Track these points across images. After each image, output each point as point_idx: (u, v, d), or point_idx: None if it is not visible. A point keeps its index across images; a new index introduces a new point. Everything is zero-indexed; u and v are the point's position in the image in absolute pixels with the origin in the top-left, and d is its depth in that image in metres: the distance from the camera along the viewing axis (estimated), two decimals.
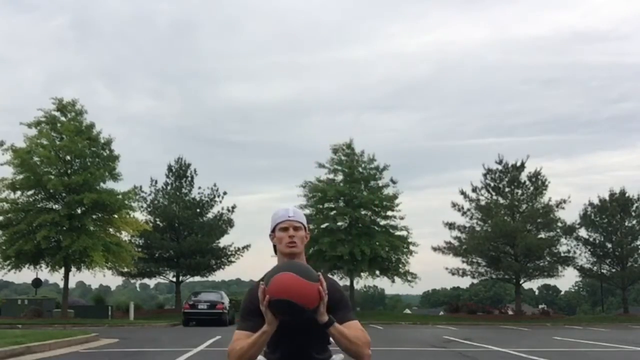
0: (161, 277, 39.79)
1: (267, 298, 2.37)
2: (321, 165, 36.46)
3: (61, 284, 30.83)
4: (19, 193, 27.47)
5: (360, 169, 36.11)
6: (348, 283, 36.56)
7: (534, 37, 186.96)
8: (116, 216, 28.19)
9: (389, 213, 36.18)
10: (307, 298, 2.34)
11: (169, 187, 38.98)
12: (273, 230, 2.73)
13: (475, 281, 61.15)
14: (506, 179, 37.90)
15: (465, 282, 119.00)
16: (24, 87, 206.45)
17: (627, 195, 39.62)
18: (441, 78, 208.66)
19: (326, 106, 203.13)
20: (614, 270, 40.15)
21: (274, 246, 2.73)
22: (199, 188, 39.10)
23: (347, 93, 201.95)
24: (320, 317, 2.42)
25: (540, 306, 69.81)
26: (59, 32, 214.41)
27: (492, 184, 38.19)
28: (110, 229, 28.62)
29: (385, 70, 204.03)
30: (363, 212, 35.46)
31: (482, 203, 38.01)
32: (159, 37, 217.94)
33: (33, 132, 27.31)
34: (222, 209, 39.08)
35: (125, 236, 29.96)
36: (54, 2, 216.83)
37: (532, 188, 37.72)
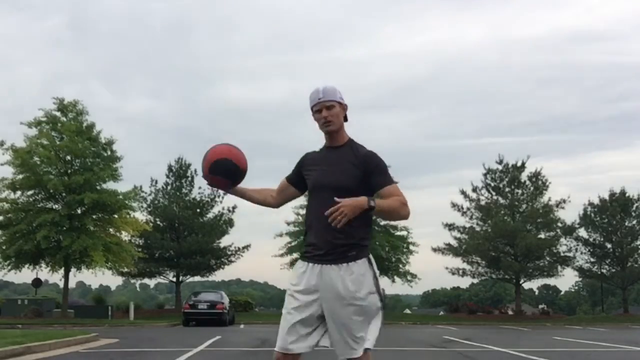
0: (161, 277, 39.80)
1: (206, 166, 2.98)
2: None
3: (61, 284, 30.87)
4: (19, 193, 27.50)
5: None
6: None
7: (532, 37, 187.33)
8: (116, 216, 28.20)
9: None
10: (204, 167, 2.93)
11: (169, 187, 38.99)
12: (312, 112, 3.00)
13: (475, 281, 61.30)
14: (506, 179, 37.90)
15: (465, 282, 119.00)
16: (21, 87, 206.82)
17: (627, 195, 39.62)
18: (439, 78, 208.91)
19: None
20: (614, 270, 40.15)
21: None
22: (199, 188, 39.13)
23: (345, 93, 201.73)
24: (362, 210, 2.67)
25: (540, 306, 69.79)
26: (55, 32, 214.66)
27: (492, 184, 38.21)
28: (111, 229, 28.62)
29: (383, 70, 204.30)
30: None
31: (482, 203, 38.01)
32: (156, 37, 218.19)
33: (33, 132, 27.35)
34: (223, 209, 39.11)
35: (125, 236, 29.99)
36: (51, 1, 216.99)
37: (532, 188, 37.72)
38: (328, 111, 2.91)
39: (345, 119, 3.03)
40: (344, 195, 2.71)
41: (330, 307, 2.78)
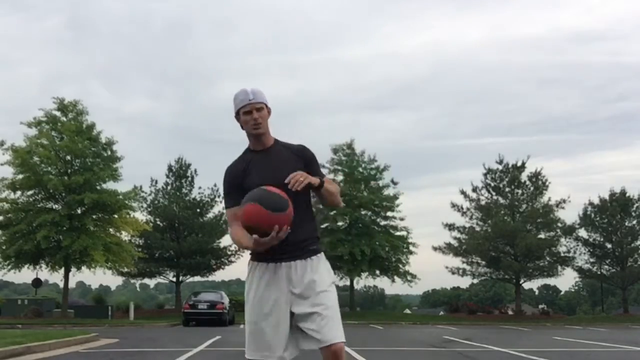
0: (161, 277, 39.81)
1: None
2: (321, 165, 36.39)
3: (61, 284, 30.88)
4: (19, 193, 27.51)
5: (361, 169, 36.12)
6: (348, 283, 36.58)
7: (531, 36, 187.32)
8: (116, 216, 28.20)
9: (389, 213, 36.20)
10: (270, 226, 2.58)
11: (169, 187, 39.00)
12: (237, 114, 2.95)
13: (475, 281, 61.22)
14: (506, 179, 37.89)
15: (465, 282, 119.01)
16: (21, 87, 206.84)
17: (627, 195, 39.61)
18: (438, 78, 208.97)
19: (323, 106, 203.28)
20: (613, 270, 40.14)
21: (241, 126, 2.96)
22: (199, 188, 39.15)
23: (344, 93, 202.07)
24: (314, 184, 2.76)
25: (540, 306, 69.76)
26: (55, 32, 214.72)
27: (492, 184, 38.20)
28: (111, 229, 28.63)
29: (382, 70, 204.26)
30: (363, 212, 35.48)
31: (482, 203, 38.01)
32: (155, 37, 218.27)
33: (33, 131, 27.36)
34: (223, 209, 39.05)
35: (125, 236, 30.00)
36: (50, 1, 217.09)
37: (532, 188, 37.71)
38: (258, 113, 2.89)
39: None
40: (295, 192, 2.72)
41: (306, 299, 2.77)
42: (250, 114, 2.88)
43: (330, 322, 2.75)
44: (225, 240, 39.13)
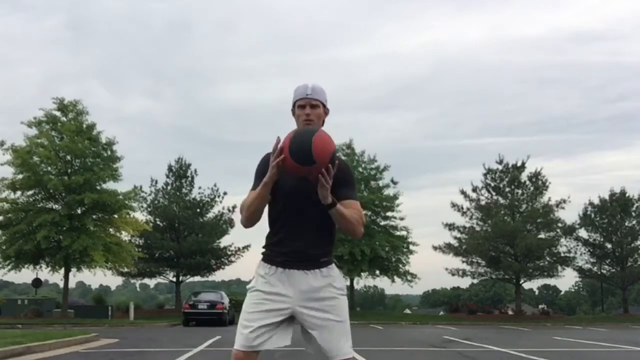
0: (161, 277, 39.81)
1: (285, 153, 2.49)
2: None
3: (61, 284, 30.87)
4: (19, 193, 27.49)
5: (361, 169, 36.10)
6: (348, 283, 36.57)
7: (530, 36, 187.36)
8: (116, 216, 28.20)
9: (389, 213, 36.19)
10: (325, 156, 2.48)
11: (169, 187, 39.00)
12: (293, 106, 2.85)
13: (475, 281, 61.19)
14: (506, 179, 37.89)
15: (465, 282, 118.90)
16: (20, 87, 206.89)
17: (627, 195, 39.61)
18: (438, 78, 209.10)
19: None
20: (613, 270, 40.14)
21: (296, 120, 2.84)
22: (199, 188, 39.14)
23: (343, 93, 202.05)
24: (324, 200, 2.55)
25: (540, 306, 69.76)
26: (54, 32, 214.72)
27: (492, 184, 38.20)
28: (111, 229, 28.62)
29: (382, 70, 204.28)
30: (363, 212, 35.49)
31: (482, 203, 38.01)
32: (154, 37, 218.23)
33: (33, 131, 27.35)
34: (223, 209, 39.10)
35: (125, 236, 29.99)
36: (49, 1, 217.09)
37: (532, 188, 37.72)
38: (312, 109, 2.78)
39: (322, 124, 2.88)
40: (318, 201, 2.59)
41: (313, 309, 2.69)
42: (304, 108, 2.79)
43: (337, 335, 2.69)
44: (225, 240, 39.19)
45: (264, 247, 2.85)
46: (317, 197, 2.56)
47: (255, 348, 2.67)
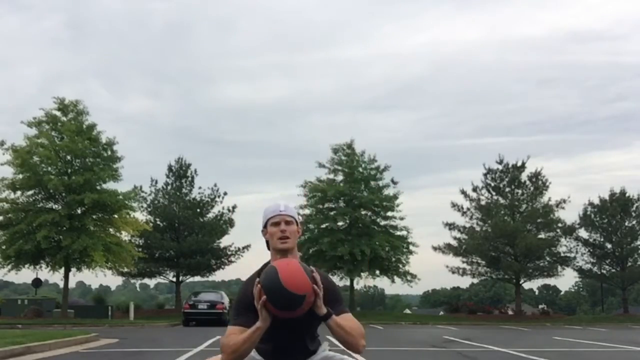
0: (161, 277, 39.81)
1: (264, 297, 2.38)
2: (321, 165, 36.45)
3: (61, 284, 30.87)
4: (19, 193, 27.48)
5: (361, 169, 36.09)
6: (348, 283, 36.58)
7: (529, 36, 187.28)
8: (116, 216, 28.19)
9: (389, 213, 36.18)
10: (305, 286, 2.37)
11: (169, 187, 39.00)
12: (265, 226, 2.72)
13: (475, 281, 61.34)
14: (506, 179, 37.89)
15: (465, 282, 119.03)
16: (20, 87, 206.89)
17: (627, 195, 39.60)
18: (437, 78, 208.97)
19: (322, 106, 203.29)
20: (613, 270, 40.14)
21: (267, 242, 2.71)
22: (199, 188, 39.14)
23: (343, 93, 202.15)
24: (318, 310, 2.45)
25: (540, 306, 69.76)
26: (53, 32, 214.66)
27: (492, 184, 38.19)
28: (111, 229, 28.62)
29: (381, 70, 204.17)
30: (363, 212, 35.48)
31: (482, 203, 38.01)
32: (154, 37, 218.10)
33: (33, 131, 27.34)
34: (223, 209, 39.10)
35: (125, 236, 29.97)
36: (48, 1, 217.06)
37: (532, 188, 37.71)
38: (287, 225, 2.66)
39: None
40: (306, 316, 2.50)
41: None
42: (279, 225, 2.66)
43: None
44: (225, 240, 39.18)
45: None
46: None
47: None
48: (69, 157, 27.87)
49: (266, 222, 2.72)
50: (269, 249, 2.72)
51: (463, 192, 38.21)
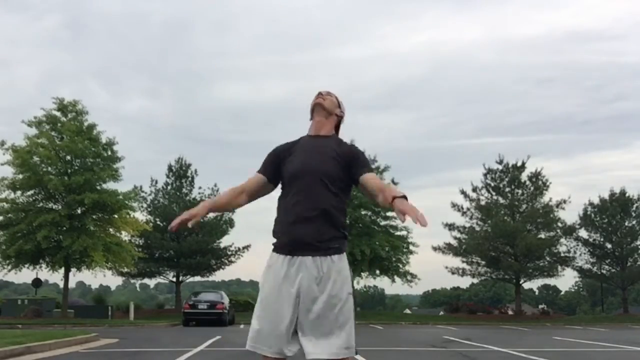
0: (161, 277, 39.80)
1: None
2: None
3: (61, 284, 30.85)
4: (19, 193, 27.47)
5: None
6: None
7: (528, 36, 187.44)
8: (116, 216, 28.18)
9: (389, 213, 36.15)
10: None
11: (169, 187, 39.00)
12: (312, 111, 3.02)
13: (475, 281, 61.25)
14: (506, 179, 37.88)
15: (465, 282, 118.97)
16: (18, 87, 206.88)
17: (627, 195, 39.60)
18: (436, 78, 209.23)
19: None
20: (613, 270, 40.14)
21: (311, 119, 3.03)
22: (199, 188, 39.13)
23: (342, 93, 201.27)
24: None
25: (540, 306, 69.80)
26: (51, 32, 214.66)
27: (492, 184, 38.19)
28: (111, 229, 28.61)
29: (381, 69, 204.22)
30: (363, 212, 35.46)
31: (482, 203, 38.00)
32: (152, 37, 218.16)
33: (33, 131, 27.33)
34: None
35: (125, 236, 29.97)
36: (46, 1, 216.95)
37: (532, 188, 37.70)
38: (324, 99, 2.97)
39: (337, 130, 3.04)
40: (328, 184, 2.72)
41: (312, 303, 2.67)
42: (318, 97, 2.98)
43: (335, 335, 2.65)
44: (226, 241, 39.18)
45: None
46: (324, 173, 2.76)
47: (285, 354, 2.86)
48: (69, 157, 27.86)
49: (312, 104, 2.99)
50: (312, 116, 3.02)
51: (463, 192, 38.25)
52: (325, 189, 2.71)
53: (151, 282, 60.38)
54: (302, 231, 2.69)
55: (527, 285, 48.58)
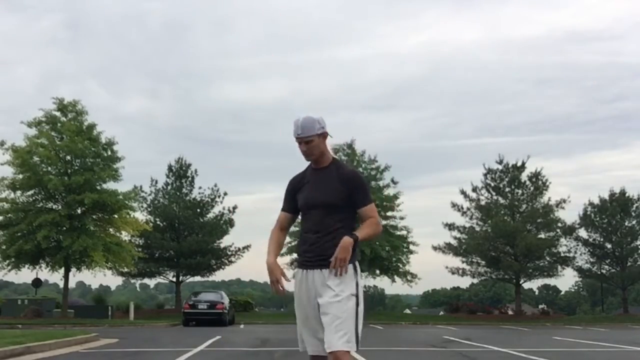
0: (161, 277, 39.78)
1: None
2: None
3: (61, 284, 30.85)
4: (19, 193, 27.46)
5: (361, 169, 36.07)
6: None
7: (528, 36, 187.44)
8: (116, 216, 28.17)
9: (389, 213, 36.16)
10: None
11: (169, 187, 38.96)
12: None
13: (475, 281, 61.20)
14: (506, 179, 37.87)
15: (465, 282, 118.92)
16: (17, 87, 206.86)
17: (627, 195, 39.59)
18: (435, 78, 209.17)
19: (322, 106, 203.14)
20: (613, 270, 40.13)
21: None
22: (199, 188, 39.11)
23: (342, 93, 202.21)
24: (350, 247, 3.11)
25: (540, 306, 69.80)
26: (51, 32, 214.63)
27: (492, 184, 38.17)
28: (111, 229, 28.60)
29: (381, 69, 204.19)
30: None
31: (482, 203, 37.99)
32: (152, 37, 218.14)
33: (33, 131, 27.32)
34: (223, 209, 39.07)
35: (125, 236, 29.95)
36: (46, 1, 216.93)
37: (532, 188, 37.69)
38: (307, 145, 3.22)
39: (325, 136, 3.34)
40: (331, 211, 3.18)
41: (323, 305, 3.13)
42: (300, 144, 3.25)
43: (334, 331, 3.02)
44: (226, 241, 39.16)
45: None
46: (326, 204, 3.23)
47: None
48: (69, 157, 27.85)
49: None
50: None
51: (463, 192, 38.24)
52: (330, 217, 3.18)
53: (151, 282, 60.38)
54: (312, 252, 3.22)
55: (527, 285, 48.64)
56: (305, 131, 3.19)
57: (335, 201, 3.18)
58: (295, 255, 34.30)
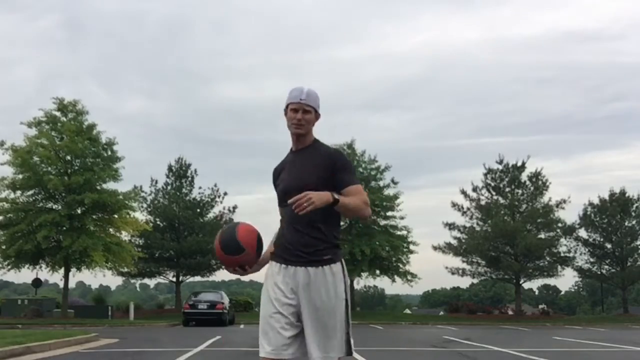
0: (161, 277, 39.78)
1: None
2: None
3: (61, 284, 30.85)
4: (19, 193, 27.47)
5: (361, 169, 36.09)
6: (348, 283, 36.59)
7: (527, 37, 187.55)
8: (116, 216, 28.18)
9: (389, 213, 36.17)
10: (225, 264, 2.90)
11: (169, 187, 38.97)
12: (286, 108, 2.92)
13: (475, 281, 61.30)
14: (506, 179, 37.87)
15: (465, 282, 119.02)
16: (16, 87, 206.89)
17: (627, 195, 39.59)
18: (437, 78, 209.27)
19: (321, 106, 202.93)
20: (613, 270, 40.13)
21: (287, 122, 2.94)
22: (199, 188, 39.12)
23: (342, 93, 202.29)
24: (325, 204, 2.65)
25: (540, 306, 69.74)
26: (50, 32, 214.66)
27: (492, 184, 38.17)
28: (111, 229, 28.61)
29: (380, 69, 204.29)
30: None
31: (483, 203, 37.99)
32: (151, 36, 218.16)
33: (33, 131, 27.34)
34: (223, 209, 39.09)
35: (125, 236, 29.98)
36: (45, 1, 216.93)
37: (532, 188, 37.69)
38: (304, 115, 2.87)
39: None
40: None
41: (308, 310, 2.79)
42: (297, 112, 2.87)
43: (324, 339, 2.76)
44: None
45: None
46: (302, 188, 2.71)
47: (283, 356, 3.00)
48: (69, 157, 27.86)
49: (287, 105, 2.90)
50: (288, 128, 2.93)
51: (463, 192, 38.24)
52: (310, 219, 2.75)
53: (151, 282, 60.38)
54: (293, 245, 2.81)
55: (527, 285, 48.68)
56: (310, 99, 2.88)
57: (312, 183, 2.74)
58: None
